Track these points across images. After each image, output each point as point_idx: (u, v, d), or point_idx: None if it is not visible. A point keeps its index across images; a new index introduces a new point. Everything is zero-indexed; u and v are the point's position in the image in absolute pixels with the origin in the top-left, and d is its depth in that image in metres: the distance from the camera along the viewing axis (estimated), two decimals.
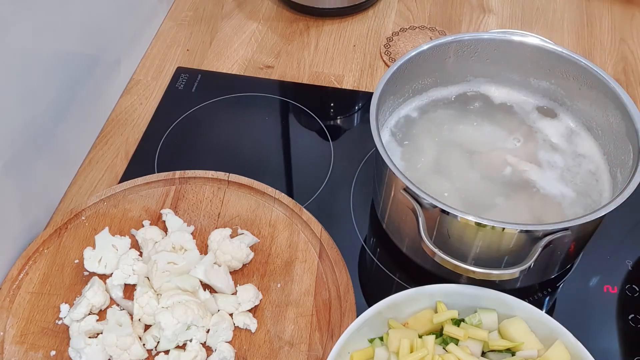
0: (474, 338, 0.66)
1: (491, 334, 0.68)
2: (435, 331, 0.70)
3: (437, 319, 0.68)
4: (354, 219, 0.89)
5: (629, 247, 0.85)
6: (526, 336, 0.67)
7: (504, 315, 0.69)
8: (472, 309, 0.70)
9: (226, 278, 0.78)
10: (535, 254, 0.66)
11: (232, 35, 1.16)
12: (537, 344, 0.67)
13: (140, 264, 0.79)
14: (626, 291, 0.81)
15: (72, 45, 0.90)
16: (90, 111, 0.98)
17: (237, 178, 0.89)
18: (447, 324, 0.68)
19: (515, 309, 0.69)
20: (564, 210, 0.77)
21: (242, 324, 0.76)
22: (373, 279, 0.84)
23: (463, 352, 0.65)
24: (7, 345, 0.74)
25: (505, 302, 0.69)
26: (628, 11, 1.19)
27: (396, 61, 0.81)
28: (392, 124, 0.85)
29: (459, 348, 0.65)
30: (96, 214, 0.86)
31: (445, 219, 0.70)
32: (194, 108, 1.03)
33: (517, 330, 0.67)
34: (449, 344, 0.66)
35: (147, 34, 1.14)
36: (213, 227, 0.85)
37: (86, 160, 0.97)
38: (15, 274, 0.80)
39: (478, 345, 0.67)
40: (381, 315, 0.69)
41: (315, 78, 1.08)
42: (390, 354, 0.66)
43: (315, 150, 0.98)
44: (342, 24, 1.18)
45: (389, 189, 0.76)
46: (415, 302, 0.70)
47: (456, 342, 0.67)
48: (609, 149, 0.80)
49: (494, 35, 0.85)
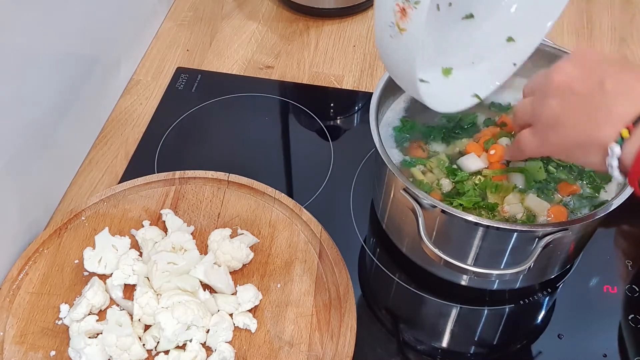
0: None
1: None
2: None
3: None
4: (353, 219, 0.89)
5: (629, 247, 0.85)
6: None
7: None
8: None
9: (226, 278, 0.78)
10: (535, 254, 0.66)
11: (232, 35, 1.16)
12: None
13: (140, 264, 0.79)
14: (626, 291, 0.81)
15: (72, 46, 0.90)
16: (90, 111, 0.98)
17: (237, 178, 0.89)
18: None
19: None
20: None
21: (242, 324, 0.76)
22: (373, 279, 0.84)
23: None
24: (7, 346, 0.74)
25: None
26: (628, 11, 1.19)
27: None
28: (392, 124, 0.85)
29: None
30: (96, 214, 0.86)
31: (445, 219, 0.70)
32: (193, 108, 1.03)
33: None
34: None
35: (147, 35, 1.14)
36: (213, 227, 0.85)
37: (86, 161, 0.97)
38: (15, 274, 0.80)
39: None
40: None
41: (315, 78, 1.08)
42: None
43: (315, 150, 0.98)
44: (342, 24, 1.18)
45: (388, 189, 0.76)
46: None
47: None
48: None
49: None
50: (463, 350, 0.79)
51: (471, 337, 0.80)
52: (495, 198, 0.75)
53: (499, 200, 0.74)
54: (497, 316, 0.81)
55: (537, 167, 0.76)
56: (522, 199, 0.74)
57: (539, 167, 0.76)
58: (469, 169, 0.77)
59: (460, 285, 0.80)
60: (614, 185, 0.77)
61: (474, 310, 0.81)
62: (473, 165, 0.77)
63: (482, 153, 0.79)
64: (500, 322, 0.81)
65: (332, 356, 0.73)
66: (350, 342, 0.74)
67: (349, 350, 0.74)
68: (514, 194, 0.74)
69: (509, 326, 0.81)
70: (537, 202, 0.74)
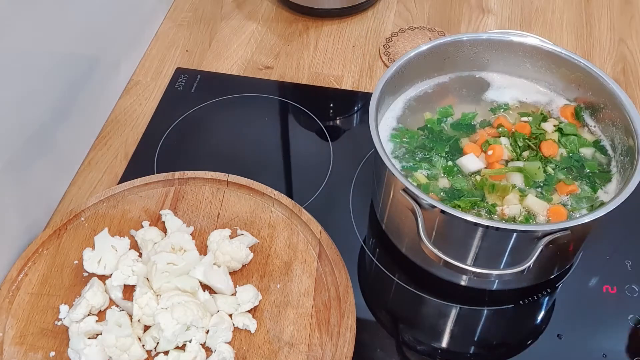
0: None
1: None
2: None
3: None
4: (353, 220, 0.89)
5: (628, 247, 0.85)
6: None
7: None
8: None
9: (225, 279, 0.78)
10: (535, 254, 0.66)
11: (232, 35, 1.16)
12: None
13: (139, 265, 0.79)
14: (626, 291, 0.81)
15: (71, 46, 0.90)
16: (90, 112, 0.98)
17: (237, 179, 0.89)
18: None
19: None
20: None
21: (241, 324, 0.76)
22: (372, 279, 0.84)
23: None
24: (6, 346, 0.74)
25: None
26: (627, 12, 1.19)
27: (395, 61, 0.81)
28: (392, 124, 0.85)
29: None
30: (95, 214, 0.86)
31: (445, 220, 0.70)
32: (193, 109, 1.03)
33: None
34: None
35: (147, 35, 1.14)
36: (212, 228, 0.85)
37: (86, 161, 0.97)
38: (14, 275, 0.80)
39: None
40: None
41: (315, 79, 1.08)
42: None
43: (315, 150, 0.98)
44: (342, 24, 1.18)
45: (388, 190, 0.76)
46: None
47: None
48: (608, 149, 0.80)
49: (493, 36, 0.85)
50: (463, 350, 0.79)
51: (471, 338, 0.80)
52: (494, 198, 0.75)
53: (498, 200, 0.75)
54: (497, 316, 0.81)
55: (536, 167, 0.76)
56: (521, 199, 0.74)
57: (537, 167, 0.76)
58: (468, 169, 0.77)
59: (460, 286, 0.80)
60: (613, 186, 0.77)
61: (474, 311, 0.81)
62: (472, 166, 0.77)
63: (480, 153, 0.79)
64: (500, 323, 0.81)
65: (331, 356, 0.73)
66: (349, 343, 0.74)
67: (349, 351, 0.74)
68: (514, 194, 0.74)
69: (508, 326, 0.80)
70: (536, 202, 0.74)
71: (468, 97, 0.87)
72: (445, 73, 0.88)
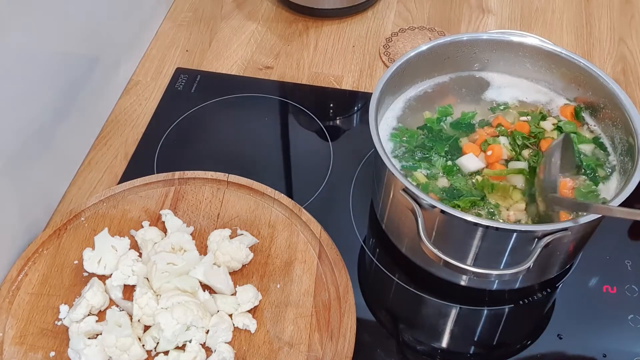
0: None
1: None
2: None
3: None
4: (353, 220, 0.89)
5: (628, 247, 0.85)
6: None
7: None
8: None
9: (225, 279, 0.78)
10: (535, 254, 0.66)
11: (232, 35, 1.16)
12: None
13: (139, 265, 0.79)
14: (626, 291, 0.81)
15: (71, 46, 0.90)
16: (90, 112, 0.98)
17: (237, 179, 0.89)
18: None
19: None
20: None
21: (241, 324, 0.76)
22: (372, 279, 0.84)
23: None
24: (6, 346, 0.74)
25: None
26: (627, 11, 1.19)
27: (395, 61, 0.81)
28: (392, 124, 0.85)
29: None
30: (95, 214, 0.86)
31: (445, 220, 0.70)
32: (193, 109, 1.03)
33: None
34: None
35: (147, 35, 1.14)
36: (212, 228, 0.85)
37: (85, 161, 0.97)
38: (14, 275, 0.80)
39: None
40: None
41: (315, 79, 1.08)
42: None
43: (315, 150, 0.98)
44: (342, 24, 1.18)
45: (388, 190, 0.76)
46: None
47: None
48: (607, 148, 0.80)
49: (493, 36, 0.85)
50: (463, 350, 0.79)
51: (471, 338, 0.80)
52: (495, 198, 0.75)
53: (500, 200, 0.75)
54: (497, 316, 0.81)
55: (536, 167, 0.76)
56: (522, 200, 0.74)
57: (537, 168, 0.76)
58: (468, 169, 0.77)
59: (460, 286, 0.80)
60: (613, 186, 0.77)
61: (474, 311, 0.81)
62: (472, 165, 0.77)
63: (479, 153, 0.79)
64: (500, 323, 0.81)
65: (331, 356, 0.73)
66: (349, 343, 0.74)
67: (349, 351, 0.74)
68: (522, 202, 0.74)
69: (508, 326, 0.80)
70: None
71: (468, 96, 0.87)
72: (445, 73, 0.88)
